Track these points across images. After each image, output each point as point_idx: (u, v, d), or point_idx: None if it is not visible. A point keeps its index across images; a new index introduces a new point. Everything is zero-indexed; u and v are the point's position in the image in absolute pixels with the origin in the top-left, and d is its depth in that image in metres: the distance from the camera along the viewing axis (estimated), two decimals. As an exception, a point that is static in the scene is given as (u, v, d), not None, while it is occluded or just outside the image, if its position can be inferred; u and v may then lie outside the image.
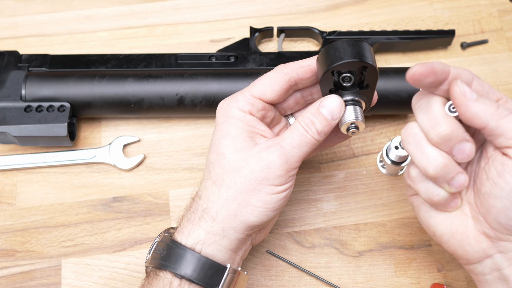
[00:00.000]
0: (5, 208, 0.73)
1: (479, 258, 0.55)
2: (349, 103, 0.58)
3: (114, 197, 0.74)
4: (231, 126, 0.59)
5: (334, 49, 0.56)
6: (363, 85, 0.58)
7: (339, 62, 0.55)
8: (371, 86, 0.58)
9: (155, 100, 0.73)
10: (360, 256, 0.71)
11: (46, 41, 0.83)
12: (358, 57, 0.55)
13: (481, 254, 0.54)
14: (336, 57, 0.55)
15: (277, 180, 0.57)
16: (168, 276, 0.56)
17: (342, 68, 0.55)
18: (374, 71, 0.56)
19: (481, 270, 0.55)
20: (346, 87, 0.58)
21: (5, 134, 0.72)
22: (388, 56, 0.83)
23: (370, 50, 0.56)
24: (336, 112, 0.57)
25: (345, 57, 0.55)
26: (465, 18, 0.86)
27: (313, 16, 0.86)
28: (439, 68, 0.51)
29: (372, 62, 0.55)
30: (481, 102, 0.50)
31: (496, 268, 0.54)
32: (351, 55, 0.55)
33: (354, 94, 0.58)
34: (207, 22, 0.85)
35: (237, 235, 0.58)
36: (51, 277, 0.70)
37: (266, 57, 0.77)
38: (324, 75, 0.56)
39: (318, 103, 0.58)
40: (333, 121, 0.58)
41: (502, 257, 0.53)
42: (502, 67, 0.82)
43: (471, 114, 0.50)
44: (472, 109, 0.50)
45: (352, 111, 0.58)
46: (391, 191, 0.74)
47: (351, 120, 0.58)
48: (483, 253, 0.54)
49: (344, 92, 0.58)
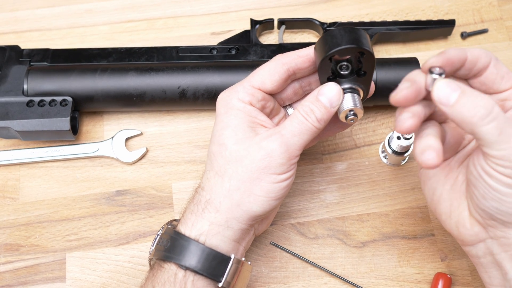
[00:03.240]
0: (8, 203, 0.74)
1: (473, 241, 0.56)
2: (347, 91, 0.59)
3: (117, 191, 0.74)
4: (231, 117, 0.59)
5: (331, 36, 0.56)
6: (361, 72, 0.58)
7: (337, 48, 0.55)
8: (368, 73, 0.58)
9: (157, 93, 0.73)
10: (364, 247, 0.71)
11: (47, 36, 0.83)
12: (355, 42, 0.55)
13: (474, 238, 0.56)
14: (333, 43, 0.55)
15: (279, 168, 0.57)
16: (172, 267, 0.57)
17: (340, 54, 0.56)
18: (371, 57, 0.56)
19: (475, 253, 0.57)
20: (343, 75, 0.58)
21: (7, 129, 0.72)
22: (389, 47, 0.83)
23: (366, 37, 0.57)
24: (335, 99, 0.58)
25: (342, 43, 0.55)
26: (465, 7, 0.86)
27: (313, 7, 0.86)
28: (455, 57, 0.51)
29: (369, 48, 0.56)
30: (456, 110, 0.49)
31: (489, 253, 0.55)
32: (348, 41, 0.55)
33: (352, 82, 0.59)
34: (207, 14, 0.85)
35: (240, 225, 0.58)
36: (55, 271, 0.70)
37: (267, 49, 0.77)
38: (322, 62, 0.57)
39: (316, 92, 0.59)
40: (332, 108, 0.58)
41: (493, 243, 0.54)
42: (502, 56, 0.82)
43: (451, 118, 0.50)
44: (449, 115, 0.50)
45: (350, 99, 0.58)
46: (394, 181, 0.74)
47: (350, 107, 0.58)
48: (476, 237, 0.55)
49: (342, 80, 0.59)
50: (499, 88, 0.54)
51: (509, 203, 0.51)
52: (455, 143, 0.58)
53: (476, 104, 0.48)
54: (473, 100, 0.49)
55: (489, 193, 0.51)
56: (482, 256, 0.56)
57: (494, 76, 0.53)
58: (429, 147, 0.51)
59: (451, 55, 0.51)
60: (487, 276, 0.57)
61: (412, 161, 0.75)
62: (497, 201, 0.51)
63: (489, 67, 0.53)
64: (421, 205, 0.73)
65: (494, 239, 0.54)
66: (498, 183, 0.50)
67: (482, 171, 0.51)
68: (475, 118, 0.48)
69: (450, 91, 0.49)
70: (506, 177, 0.49)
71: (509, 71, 0.54)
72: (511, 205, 0.51)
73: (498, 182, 0.50)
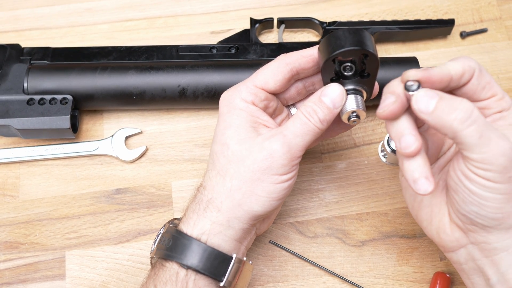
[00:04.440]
0: (8, 200, 0.74)
1: (454, 247, 0.56)
2: (350, 92, 0.59)
3: (117, 189, 0.74)
4: (234, 117, 0.59)
5: (335, 38, 0.56)
6: (364, 74, 0.58)
7: (341, 49, 0.55)
8: (372, 75, 0.58)
9: (157, 92, 0.73)
10: (363, 246, 0.71)
11: (47, 34, 0.83)
12: (359, 44, 0.55)
13: (455, 244, 0.56)
14: (337, 45, 0.55)
15: (281, 169, 0.57)
16: (174, 266, 0.57)
17: (343, 55, 0.56)
18: (375, 59, 0.56)
19: (457, 259, 0.57)
20: (347, 76, 0.58)
21: (8, 127, 0.72)
22: (388, 46, 0.83)
23: (371, 38, 0.56)
24: (338, 100, 0.58)
25: (346, 45, 0.55)
26: (464, 7, 0.86)
27: (313, 6, 0.86)
28: (437, 79, 0.51)
29: (373, 50, 0.55)
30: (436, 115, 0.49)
31: (471, 259, 0.55)
32: (352, 43, 0.55)
33: (355, 83, 0.58)
34: (207, 13, 0.85)
35: (242, 225, 0.58)
36: (55, 269, 0.70)
37: (267, 48, 0.78)
38: (326, 63, 0.57)
39: (319, 92, 0.58)
40: (335, 109, 0.58)
41: (474, 248, 0.55)
42: (501, 56, 0.83)
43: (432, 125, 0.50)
44: (430, 123, 0.50)
45: (353, 100, 0.58)
46: (393, 181, 0.75)
47: (352, 109, 0.58)
48: (457, 242, 0.55)
49: (345, 81, 0.58)
50: (479, 97, 0.54)
51: (488, 207, 0.51)
52: (436, 150, 0.59)
53: (455, 108, 0.49)
54: (451, 104, 0.49)
55: (468, 198, 0.51)
56: (464, 263, 0.56)
57: (475, 87, 0.53)
58: (420, 174, 0.51)
59: (434, 76, 0.51)
60: (470, 282, 0.57)
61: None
62: (476, 205, 0.51)
63: (471, 80, 0.53)
64: (420, 204, 0.73)
65: (474, 244, 0.54)
66: (477, 187, 0.50)
67: (462, 175, 0.51)
68: (455, 122, 0.49)
69: (428, 99, 0.50)
70: (486, 180, 0.50)
71: (491, 81, 0.54)
72: (490, 210, 0.51)
73: (477, 186, 0.50)
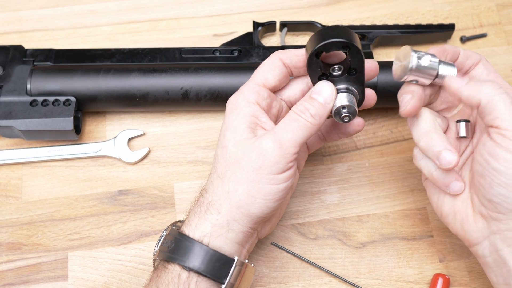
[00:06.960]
0: (11, 201, 0.74)
1: (478, 239, 0.58)
2: (341, 90, 0.60)
3: (119, 190, 0.75)
4: (233, 117, 0.60)
5: (318, 34, 0.58)
6: (352, 72, 0.60)
7: (322, 43, 0.57)
8: (359, 71, 0.59)
9: (160, 94, 0.73)
10: (363, 247, 0.72)
11: (50, 36, 0.84)
12: (339, 37, 0.56)
13: (478, 234, 0.58)
14: (319, 40, 0.57)
15: (274, 167, 0.57)
16: (176, 268, 0.57)
17: (325, 49, 0.57)
18: (357, 52, 0.57)
19: (481, 252, 0.59)
20: (335, 75, 0.60)
21: (11, 128, 0.72)
22: (389, 50, 0.84)
23: (352, 33, 0.58)
24: (328, 94, 0.59)
25: (326, 38, 0.57)
26: (464, 12, 0.87)
27: (315, 10, 0.86)
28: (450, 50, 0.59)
29: (353, 41, 0.57)
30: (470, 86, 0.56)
31: (494, 250, 0.57)
32: (332, 36, 0.57)
33: (344, 82, 0.60)
34: (210, 16, 0.86)
35: (242, 228, 0.58)
36: (57, 270, 0.70)
37: (269, 51, 0.78)
38: (309, 59, 0.58)
39: (310, 92, 0.60)
40: (327, 104, 0.59)
41: (497, 238, 0.56)
42: (500, 61, 0.83)
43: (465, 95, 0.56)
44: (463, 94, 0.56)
45: (344, 97, 0.60)
46: (393, 183, 0.75)
47: (342, 104, 0.59)
48: (480, 233, 0.57)
49: (334, 80, 0.60)
50: None
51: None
52: None
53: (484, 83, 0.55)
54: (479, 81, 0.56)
55: (496, 179, 0.53)
56: (488, 255, 0.58)
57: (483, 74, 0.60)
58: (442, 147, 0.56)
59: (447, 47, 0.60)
60: (494, 275, 0.59)
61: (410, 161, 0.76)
62: (504, 186, 0.53)
63: (478, 65, 0.60)
64: (420, 206, 0.74)
65: (497, 233, 0.56)
66: (505, 165, 0.53)
67: (489, 156, 0.54)
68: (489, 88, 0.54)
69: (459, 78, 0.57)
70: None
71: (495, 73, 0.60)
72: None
73: (505, 165, 0.53)
